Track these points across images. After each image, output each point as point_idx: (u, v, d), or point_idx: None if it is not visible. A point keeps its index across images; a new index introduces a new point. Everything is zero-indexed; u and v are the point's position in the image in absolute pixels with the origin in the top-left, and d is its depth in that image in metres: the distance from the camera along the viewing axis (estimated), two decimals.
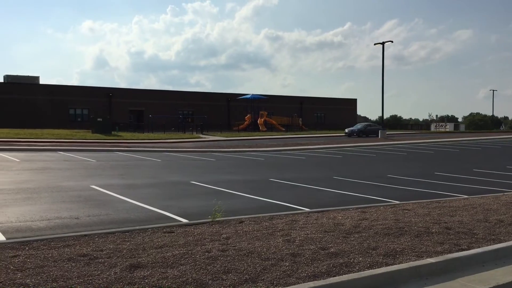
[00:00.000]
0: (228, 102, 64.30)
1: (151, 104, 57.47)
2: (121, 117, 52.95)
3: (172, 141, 37.95)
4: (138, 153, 25.01)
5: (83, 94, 54.20)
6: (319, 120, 72.44)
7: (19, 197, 10.04)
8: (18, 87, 50.87)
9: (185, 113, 61.23)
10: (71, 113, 53.60)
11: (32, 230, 7.24)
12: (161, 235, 6.65)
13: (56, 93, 52.31)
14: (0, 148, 24.08)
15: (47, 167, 16.42)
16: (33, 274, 4.70)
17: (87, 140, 33.95)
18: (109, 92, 55.94)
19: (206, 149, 29.36)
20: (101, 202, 9.86)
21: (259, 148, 30.59)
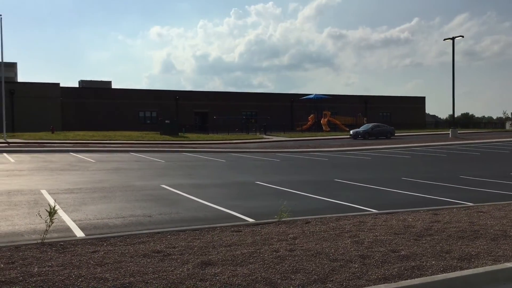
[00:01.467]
0: (291, 103, 64.26)
1: (215, 105, 58.66)
2: (187, 119, 54.52)
3: (236, 141, 38.53)
4: (204, 153, 25.62)
5: (152, 97, 56.32)
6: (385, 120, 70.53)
7: (95, 196, 10.62)
8: (92, 92, 53.77)
9: (248, 114, 61.90)
10: (141, 115, 55.85)
11: (109, 227, 7.64)
12: (229, 234, 6.79)
13: (127, 97, 54.75)
14: (77, 149, 25.60)
15: (120, 167, 17.24)
16: (112, 269, 4.96)
17: (156, 141, 35.26)
18: (175, 95, 57.73)
19: (269, 149, 29.52)
20: (171, 201, 10.21)
21: (323, 148, 30.31)
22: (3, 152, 22.93)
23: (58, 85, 48.27)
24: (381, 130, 44.13)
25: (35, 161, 19.01)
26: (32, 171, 15.44)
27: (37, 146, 27.51)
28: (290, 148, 30.83)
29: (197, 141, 37.12)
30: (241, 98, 62.18)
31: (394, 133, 44.52)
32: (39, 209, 8.43)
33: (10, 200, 9.74)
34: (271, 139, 42.34)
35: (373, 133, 43.08)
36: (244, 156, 24.38)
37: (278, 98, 64.90)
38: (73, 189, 11.52)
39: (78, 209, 9.01)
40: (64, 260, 5.26)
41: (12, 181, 12.78)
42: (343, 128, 57.23)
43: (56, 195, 10.42)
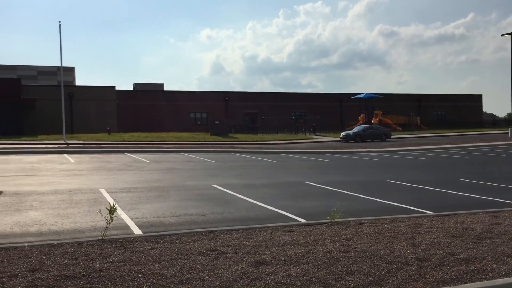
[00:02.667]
0: (340, 102, 63.48)
1: (264, 106, 58.87)
2: (236, 120, 55.03)
3: (285, 142, 38.51)
4: (254, 154, 25.79)
5: (202, 98, 57.29)
6: (439, 119, 68.28)
7: (151, 195, 10.95)
8: (145, 94, 55.41)
9: (297, 114, 61.70)
10: (191, 117, 56.94)
11: (164, 225, 7.87)
12: (281, 234, 6.81)
13: (178, 99, 55.98)
14: (132, 150, 26.47)
15: (173, 168, 17.67)
16: (169, 266, 5.11)
17: (207, 142, 35.84)
18: (225, 96, 58.43)
19: (319, 149, 29.29)
20: (223, 200, 10.37)
21: (374, 148, 29.73)
22: (63, 153, 24.07)
23: (114, 88, 50.06)
24: (375, 132, 40.45)
25: (93, 161, 19.83)
26: (91, 171, 16.11)
27: (95, 147, 28.66)
28: (340, 148, 30.45)
29: (246, 142, 37.41)
30: (290, 99, 62.08)
31: (390, 135, 41.01)
32: (99, 208, 8.80)
33: (72, 199, 10.22)
34: (321, 139, 42.00)
35: (365, 135, 39.48)
36: (294, 157, 24.33)
37: (327, 98, 64.28)
38: (130, 188, 11.93)
39: (135, 207, 9.32)
40: (124, 257, 5.47)
41: (72, 180, 13.40)
42: (395, 128, 55.85)
43: (114, 194, 10.83)
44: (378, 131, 40.61)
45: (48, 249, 5.85)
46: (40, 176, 14.25)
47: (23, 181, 12.87)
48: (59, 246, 6.07)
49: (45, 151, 25.02)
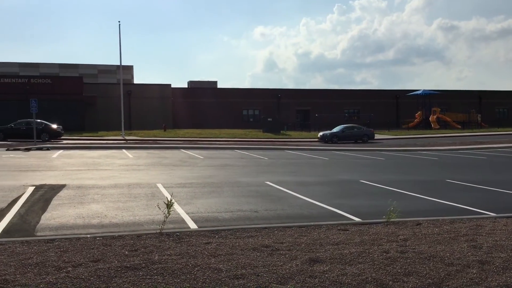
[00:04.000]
0: (396, 99, 61.82)
1: (317, 103, 58.36)
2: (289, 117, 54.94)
3: None
4: (306, 151, 25.66)
5: (255, 96, 57.60)
6: (501, 116, 65.01)
7: (205, 190, 11.15)
8: (199, 92, 56.42)
9: (350, 111, 60.71)
10: (244, 114, 57.41)
11: (219, 220, 7.99)
12: (336, 232, 6.74)
13: (231, 96, 56.60)
14: (187, 146, 27.08)
15: (226, 164, 17.90)
16: (225, 261, 5.19)
17: (259, 139, 36.05)
18: (277, 93, 58.43)
19: (374, 147, 28.71)
20: (276, 197, 10.39)
21: (432, 147, 28.77)
22: (122, 148, 24.99)
23: (170, 85, 51.35)
24: (355, 132, 36.90)
25: (150, 157, 20.45)
26: (148, 166, 16.63)
27: (151, 143, 29.56)
28: (396, 146, 29.70)
29: (299, 139, 37.28)
30: (343, 96, 61.17)
31: (373, 137, 37.20)
32: (156, 202, 9.06)
33: (130, 193, 10.58)
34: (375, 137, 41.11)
35: (343, 136, 36.17)
36: (348, 154, 23.99)
37: (382, 95, 62.78)
38: (185, 183, 12.20)
39: (190, 202, 9.53)
40: (181, 250, 5.61)
41: (131, 175, 13.88)
42: (454, 126, 53.77)
43: (170, 188, 11.11)
44: (358, 132, 37.05)
45: (109, 241, 6.10)
46: (101, 170, 14.87)
47: (85, 175, 13.47)
48: (120, 238, 6.31)
49: (105, 146, 26.09)
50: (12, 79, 43.61)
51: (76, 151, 23.17)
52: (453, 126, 53.57)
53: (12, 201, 9.14)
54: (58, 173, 13.86)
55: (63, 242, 6.02)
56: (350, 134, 36.40)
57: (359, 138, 36.20)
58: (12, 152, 21.35)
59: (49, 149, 23.60)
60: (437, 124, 52.88)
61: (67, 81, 45.62)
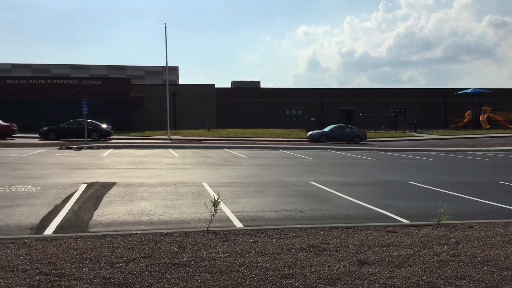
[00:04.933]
0: (444, 98, 60.01)
1: (361, 102, 57.53)
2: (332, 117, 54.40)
3: (383, 139, 37.33)
4: (351, 151, 25.33)
5: (298, 95, 57.44)
6: None
7: (250, 190, 11.21)
8: (243, 91, 56.84)
9: (396, 111, 59.45)
10: (287, 113, 57.35)
11: (264, 219, 8.02)
12: (384, 234, 6.63)
13: (274, 96, 56.69)
14: (230, 146, 27.34)
15: (270, 164, 17.94)
16: (272, 260, 5.21)
17: (302, 139, 35.88)
18: (321, 92, 58.03)
19: (421, 148, 27.98)
20: (320, 197, 10.32)
21: (483, 147, 27.73)
22: (168, 148, 25.53)
23: (213, 86, 52.02)
24: (346, 133, 35.15)
25: (195, 156, 20.78)
26: (193, 165, 16.90)
27: (196, 142, 30.02)
28: (444, 147, 28.82)
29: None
30: (388, 94, 59.97)
31: (366, 137, 35.37)
32: (203, 200, 9.22)
33: (177, 191, 10.79)
34: (422, 137, 40.07)
35: (333, 136, 34.58)
36: (394, 155, 23.49)
37: (429, 94, 61.08)
38: (230, 182, 12.32)
39: (235, 201, 9.61)
40: (228, 248, 5.68)
41: (177, 173, 14.15)
42: (506, 126, 51.59)
43: (215, 187, 11.25)
44: (349, 132, 35.20)
45: (158, 238, 6.25)
46: (148, 169, 15.24)
47: (133, 174, 13.85)
48: (168, 235, 6.45)
49: (152, 146, 26.73)
50: (63, 80, 45.47)
51: (125, 150, 23.86)
52: (505, 126, 51.39)
53: (65, 198, 9.52)
54: (108, 171, 14.33)
55: (115, 238, 6.22)
56: (340, 134, 34.95)
57: (350, 138, 34.61)
58: (64, 151, 22.25)
59: (99, 148, 24.43)
60: (488, 124, 50.91)
61: (115, 82, 47.08)
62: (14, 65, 60.03)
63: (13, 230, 6.97)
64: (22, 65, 60.27)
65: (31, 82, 43.95)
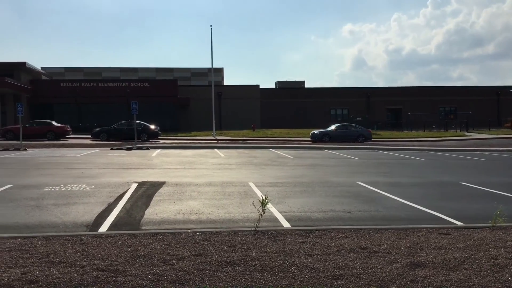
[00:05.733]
0: (497, 96, 57.62)
1: (409, 101, 56.13)
2: (378, 116, 53.46)
3: (433, 139, 36.28)
4: (398, 151, 24.77)
5: (343, 95, 56.77)
6: None
7: (296, 190, 11.18)
8: (287, 92, 56.79)
9: (446, 109, 57.65)
10: (332, 113, 56.78)
11: (312, 220, 7.98)
12: (437, 236, 6.44)
13: (319, 95, 56.29)
14: (275, 146, 27.37)
15: (315, 164, 17.82)
16: (321, 260, 5.17)
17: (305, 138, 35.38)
18: (367, 91, 57.09)
19: (473, 148, 26.99)
20: (369, 198, 10.15)
21: None
22: (214, 148, 25.86)
23: (258, 86, 52.23)
24: (349, 132, 34.21)
25: (241, 156, 20.95)
26: (239, 165, 17.04)
27: (241, 143, 30.24)
28: (498, 146, 27.67)
29: (390, 139, 36.08)
30: (438, 93, 58.21)
31: (371, 137, 34.54)
32: (249, 200, 9.29)
33: (224, 191, 10.92)
34: (474, 136, 38.62)
35: (335, 135, 33.59)
36: (444, 155, 22.77)
37: (481, 92, 58.79)
38: (276, 182, 12.33)
39: (282, 201, 9.61)
40: (277, 248, 5.69)
41: (224, 173, 14.31)
42: None
43: (262, 187, 11.30)
44: (353, 132, 34.22)
45: (208, 236, 6.35)
46: (195, 169, 15.50)
47: (181, 173, 14.12)
48: (218, 234, 6.54)
49: (198, 146, 27.17)
50: (114, 83, 47.01)
51: (172, 150, 24.37)
52: None
53: (118, 197, 9.84)
54: (158, 171, 14.68)
55: (167, 236, 6.37)
56: (343, 134, 33.93)
57: (354, 138, 33.67)
58: (115, 151, 22.99)
59: (148, 148, 25.09)
60: None
61: (163, 84, 48.21)
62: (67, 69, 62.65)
63: (70, 227, 7.28)
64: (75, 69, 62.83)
65: (84, 85, 45.70)
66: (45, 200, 9.38)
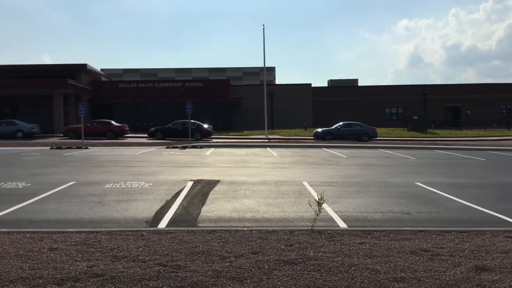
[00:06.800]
0: None
1: (469, 99, 53.79)
2: (436, 114, 51.63)
3: (494, 138, 34.64)
4: (458, 151, 23.82)
5: (398, 93, 55.23)
6: None
7: (351, 190, 11.01)
8: (339, 90, 55.99)
9: (508, 107, 54.74)
10: (387, 112, 55.42)
11: (369, 220, 7.83)
12: (503, 240, 6.14)
13: (372, 94, 55.06)
14: (329, 145, 27.08)
15: (370, 163, 17.47)
16: (381, 262, 5.06)
17: (404, 138, 34.50)
18: (423, 89, 55.25)
19: None
20: (428, 199, 9.83)
21: None
22: (266, 147, 25.95)
23: (310, 85, 51.86)
24: (353, 130, 33.30)
25: (293, 155, 20.89)
26: (292, 164, 17.00)
27: (293, 142, 30.15)
28: None
29: (449, 138, 34.79)
30: (499, 90, 55.38)
31: (376, 136, 33.37)
32: (304, 199, 9.25)
33: (278, 190, 10.92)
34: None
35: (338, 134, 32.86)
36: (507, 155, 21.66)
37: None
38: (330, 182, 12.20)
39: (337, 201, 9.49)
40: (334, 248, 5.62)
41: (277, 172, 14.32)
42: None
43: (316, 187, 11.21)
44: (357, 130, 33.40)
45: (264, 235, 6.37)
46: (249, 167, 15.61)
47: (235, 172, 14.27)
48: (274, 232, 6.55)
49: (250, 145, 27.35)
50: (169, 83, 48.21)
51: (225, 149, 24.69)
52: None
53: (175, 194, 10.08)
54: (212, 169, 14.91)
55: (224, 233, 6.45)
56: (346, 132, 33.15)
57: (358, 137, 32.83)
58: (171, 150, 23.58)
59: (202, 147, 25.54)
60: None
61: (216, 84, 48.91)
62: (125, 70, 64.96)
63: (131, 223, 7.53)
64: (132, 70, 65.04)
65: (140, 86, 47.16)
66: (106, 197, 9.77)
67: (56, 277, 4.57)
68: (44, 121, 41.04)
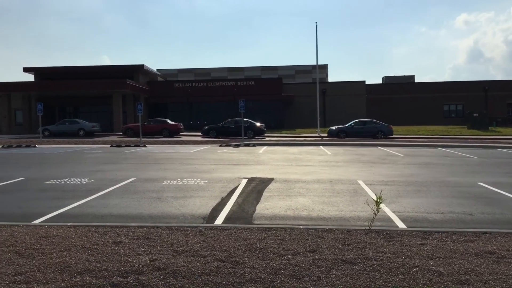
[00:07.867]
0: None
1: None
2: (498, 112, 49.24)
3: None
4: None
5: (457, 89, 53.11)
6: None
7: (410, 189, 10.71)
8: (395, 87, 54.57)
9: None
10: (445, 109, 53.45)
11: (429, 221, 7.59)
12: None
13: (430, 90, 53.25)
14: (384, 143, 26.47)
15: (429, 162, 16.92)
16: (444, 264, 4.90)
17: (463, 136, 33.14)
18: (484, 85, 52.80)
19: None
20: (492, 200, 9.39)
21: None
22: (319, 145, 25.75)
23: (364, 82, 50.87)
24: (367, 128, 32.03)
25: (347, 153, 20.59)
26: (346, 162, 16.76)
27: (346, 140, 29.71)
28: None
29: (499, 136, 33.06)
30: None
31: (392, 133, 31.95)
32: (359, 198, 9.11)
33: (333, 188, 10.81)
34: None
35: (352, 131, 31.84)
36: None
37: None
38: (387, 181, 11.93)
39: (395, 201, 9.27)
40: (394, 249, 5.50)
41: (331, 171, 14.18)
42: None
43: (372, 186, 11.00)
44: (371, 128, 32.07)
45: (321, 233, 6.33)
46: (302, 166, 15.55)
47: (289, 170, 14.26)
48: (330, 231, 6.49)
49: (303, 143, 27.23)
50: (222, 82, 48.85)
51: (278, 147, 24.72)
52: None
53: (230, 191, 10.22)
54: (265, 167, 14.98)
55: (280, 231, 6.47)
56: (360, 130, 32.18)
57: (373, 134, 31.74)
58: (224, 148, 23.91)
59: (255, 145, 25.71)
60: None
61: (268, 82, 49.02)
62: (180, 70, 66.48)
63: (188, 219, 7.71)
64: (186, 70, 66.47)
65: (194, 85, 48.10)
66: (165, 193, 10.05)
67: (120, 269, 4.76)
68: (104, 119, 42.80)
